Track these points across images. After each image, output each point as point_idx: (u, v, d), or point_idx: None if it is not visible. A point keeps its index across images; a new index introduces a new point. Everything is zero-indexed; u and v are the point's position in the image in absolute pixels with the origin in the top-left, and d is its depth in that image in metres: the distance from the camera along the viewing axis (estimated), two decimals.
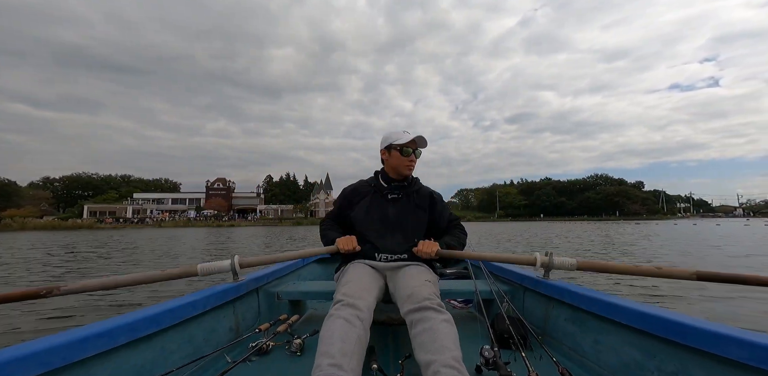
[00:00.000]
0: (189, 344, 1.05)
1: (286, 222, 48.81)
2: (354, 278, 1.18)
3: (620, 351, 0.99)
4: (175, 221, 46.96)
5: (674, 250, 8.10)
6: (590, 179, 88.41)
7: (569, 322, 1.21)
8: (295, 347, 1.18)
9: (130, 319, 0.87)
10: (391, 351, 1.24)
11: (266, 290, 1.53)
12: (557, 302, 1.28)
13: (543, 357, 1.03)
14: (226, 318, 1.25)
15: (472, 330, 1.35)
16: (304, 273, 2.12)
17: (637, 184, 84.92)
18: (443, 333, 0.92)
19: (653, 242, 10.63)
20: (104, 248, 10.72)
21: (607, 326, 1.04)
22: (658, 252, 7.66)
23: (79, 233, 25.51)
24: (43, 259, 7.76)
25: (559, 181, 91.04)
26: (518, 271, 1.57)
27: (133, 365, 0.87)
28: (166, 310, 0.97)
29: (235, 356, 1.06)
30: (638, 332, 0.93)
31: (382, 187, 1.44)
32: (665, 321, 0.84)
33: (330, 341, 0.88)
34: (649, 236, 13.10)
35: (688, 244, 9.68)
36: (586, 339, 1.12)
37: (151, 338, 0.92)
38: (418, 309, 1.00)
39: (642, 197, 76.75)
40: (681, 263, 6.11)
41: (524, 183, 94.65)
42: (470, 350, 1.02)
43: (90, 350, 0.76)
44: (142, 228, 39.23)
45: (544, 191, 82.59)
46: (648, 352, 0.91)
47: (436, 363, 0.83)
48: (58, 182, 71.20)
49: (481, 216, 78.85)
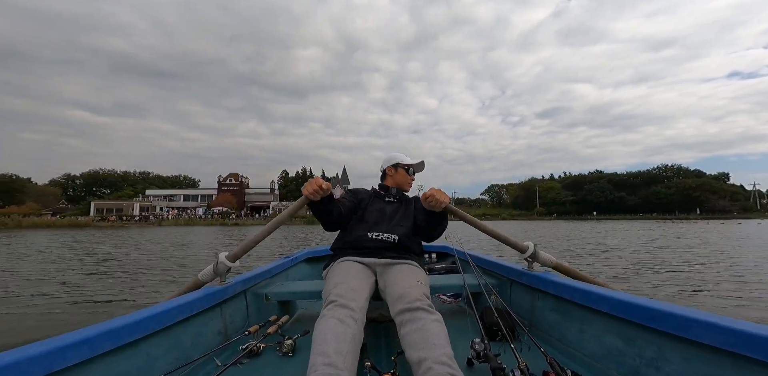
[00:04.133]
0: (176, 349, 1.04)
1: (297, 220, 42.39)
2: (344, 277, 1.17)
3: (603, 339, 1.01)
4: (176, 219, 42.08)
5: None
6: (656, 171, 74.35)
7: (554, 312, 1.24)
8: (287, 348, 1.17)
9: (113, 325, 0.84)
10: (383, 348, 1.23)
11: (254, 291, 1.51)
12: (542, 293, 1.30)
13: (531, 348, 1.03)
14: (213, 321, 1.23)
15: (462, 324, 1.37)
16: (293, 273, 2.10)
17: (721, 175, 69.29)
18: (433, 332, 0.93)
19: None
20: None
21: (590, 315, 1.07)
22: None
23: (59, 232, 22.63)
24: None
25: (615, 173, 77.63)
26: (505, 264, 1.59)
27: (118, 373, 0.84)
28: (150, 315, 0.94)
29: (225, 360, 1.04)
30: (619, 320, 0.96)
31: (381, 194, 1.61)
32: (643, 309, 0.87)
33: (324, 340, 0.87)
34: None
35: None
36: (570, 328, 1.15)
37: (135, 344, 0.90)
38: (409, 310, 1.01)
39: (732, 191, 62.24)
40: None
41: (568, 177, 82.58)
42: (461, 344, 1.04)
43: (71, 358, 0.73)
44: (143, 227, 35.22)
45: (596, 185, 70.03)
46: (629, 339, 0.93)
47: (428, 360, 0.84)
48: (79, 179, 70.57)
49: (519, 214, 68.53)
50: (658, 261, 6.13)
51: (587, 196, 69.28)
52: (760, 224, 28.71)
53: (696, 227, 21.20)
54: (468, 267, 1.71)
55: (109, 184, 69.23)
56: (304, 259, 2.30)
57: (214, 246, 10.98)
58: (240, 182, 61.25)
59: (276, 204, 57.16)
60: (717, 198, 59.58)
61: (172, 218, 42.72)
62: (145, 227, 36.64)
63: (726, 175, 69.32)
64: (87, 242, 12.64)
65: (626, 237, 12.74)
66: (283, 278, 1.91)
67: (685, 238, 11.80)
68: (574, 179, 78.82)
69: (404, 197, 1.62)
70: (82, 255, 8.28)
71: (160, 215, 45.87)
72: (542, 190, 74.61)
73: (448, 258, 2.43)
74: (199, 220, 42.41)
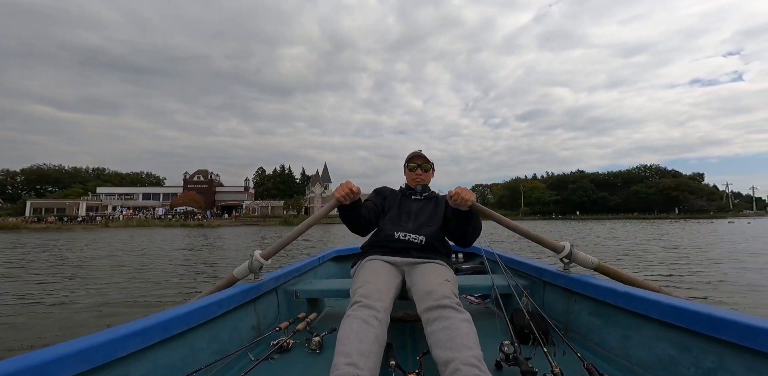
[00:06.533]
0: (215, 342, 1.07)
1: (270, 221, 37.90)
2: (371, 277, 1.17)
3: (652, 346, 0.96)
4: (128, 220, 36.38)
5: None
6: (636, 171, 75.37)
7: (594, 316, 1.19)
8: (315, 345, 1.19)
9: (163, 318, 0.88)
10: (408, 347, 1.23)
11: (285, 288, 1.55)
12: (580, 296, 1.25)
13: (566, 352, 0.99)
14: (248, 317, 1.27)
15: (491, 326, 1.34)
16: (321, 271, 2.13)
17: (696, 176, 71.15)
18: (463, 332, 0.89)
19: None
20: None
21: (637, 320, 1.01)
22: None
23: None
24: None
25: (597, 173, 78.05)
26: (537, 265, 1.55)
27: (166, 363, 0.88)
28: (194, 309, 0.98)
29: (258, 354, 1.08)
30: (671, 327, 0.90)
31: (406, 192, 1.60)
32: (700, 315, 0.81)
33: (347, 341, 0.87)
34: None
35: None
36: (613, 334, 1.09)
37: (181, 336, 0.94)
38: (437, 307, 0.98)
39: (708, 191, 63.89)
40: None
41: (552, 177, 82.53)
42: (489, 346, 1.01)
43: (128, 348, 0.77)
44: (89, 229, 29.84)
45: (579, 185, 70.01)
46: (683, 347, 0.88)
47: (456, 361, 0.81)
48: (19, 175, 61.58)
49: (504, 214, 65.32)
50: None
51: (571, 195, 69.05)
52: (750, 223, 28.96)
53: (707, 227, 20.47)
54: (497, 267, 1.66)
55: (55, 182, 60.92)
56: (332, 257, 2.35)
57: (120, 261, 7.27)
58: (210, 180, 55.50)
59: (249, 203, 52.13)
60: (695, 198, 60.86)
61: (124, 219, 36.94)
62: (91, 228, 31.43)
63: (701, 176, 71.48)
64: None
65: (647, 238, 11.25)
66: (312, 276, 1.93)
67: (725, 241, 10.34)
68: (557, 179, 78.66)
69: (433, 194, 1.58)
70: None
71: (110, 216, 39.79)
72: (527, 190, 73.85)
73: (476, 258, 2.44)
74: (156, 221, 36.99)
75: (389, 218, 1.45)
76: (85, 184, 57.53)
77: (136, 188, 59.00)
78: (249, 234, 18.88)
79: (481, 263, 2.10)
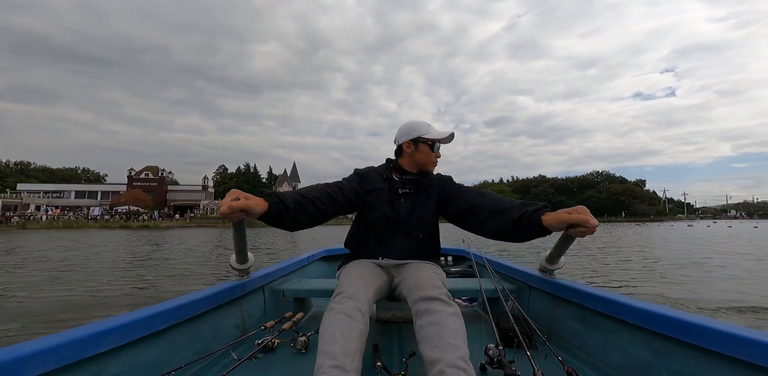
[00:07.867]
0: (197, 340, 1.06)
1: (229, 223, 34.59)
2: (356, 273, 1.13)
3: (628, 350, 0.98)
4: (52, 221, 31.11)
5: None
6: (590, 177, 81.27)
7: (576, 321, 1.20)
8: (300, 345, 1.18)
9: (143, 315, 0.86)
10: (395, 349, 1.23)
11: (272, 287, 1.53)
12: (564, 301, 1.26)
13: (548, 356, 1.00)
14: (232, 315, 1.25)
15: (477, 329, 1.31)
16: (310, 271, 2.13)
17: (639, 182, 78.60)
18: (450, 329, 0.87)
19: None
20: None
21: (615, 325, 1.03)
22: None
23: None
24: None
25: (557, 178, 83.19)
26: (524, 269, 1.56)
27: (144, 361, 0.86)
28: (175, 306, 0.96)
29: (241, 353, 1.07)
30: (647, 332, 0.91)
31: (393, 181, 1.31)
32: (673, 320, 0.83)
33: (331, 339, 0.84)
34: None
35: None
36: (593, 338, 1.12)
37: (161, 334, 0.92)
38: (426, 298, 0.96)
39: (649, 197, 70.51)
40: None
41: (517, 181, 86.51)
42: (474, 349, 1.00)
43: (103, 345, 0.75)
44: (2, 230, 24.56)
45: (541, 189, 73.89)
46: (657, 351, 0.89)
47: (441, 362, 0.79)
48: None
49: None
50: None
51: (533, 199, 71.87)
52: (709, 226, 30.53)
53: (679, 230, 21.10)
54: (485, 271, 1.67)
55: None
56: (321, 257, 2.35)
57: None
58: (161, 177, 49.97)
59: (207, 203, 47.69)
60: (638, 202, 66.88)
61: (47, 220, 31.53)
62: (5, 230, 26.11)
63: (643, 182, 79.23)
64: None
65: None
66: (300, 276, 1.93)
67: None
68: (522, 183, 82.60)
69: (421, 183, 1.31)
70: None
71: (31, 215, 33.86)
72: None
73: (465, 261, 2.41)
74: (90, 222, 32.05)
75: (371, 222, 1.26)
76: (3, 179, 49.00)
77: (68, 185, 51.54)
78: (202, 237, 16.49)
79: (469, 267, 2.10)
